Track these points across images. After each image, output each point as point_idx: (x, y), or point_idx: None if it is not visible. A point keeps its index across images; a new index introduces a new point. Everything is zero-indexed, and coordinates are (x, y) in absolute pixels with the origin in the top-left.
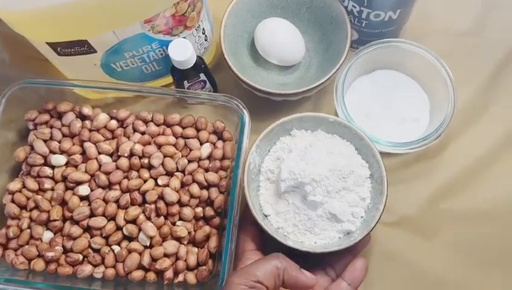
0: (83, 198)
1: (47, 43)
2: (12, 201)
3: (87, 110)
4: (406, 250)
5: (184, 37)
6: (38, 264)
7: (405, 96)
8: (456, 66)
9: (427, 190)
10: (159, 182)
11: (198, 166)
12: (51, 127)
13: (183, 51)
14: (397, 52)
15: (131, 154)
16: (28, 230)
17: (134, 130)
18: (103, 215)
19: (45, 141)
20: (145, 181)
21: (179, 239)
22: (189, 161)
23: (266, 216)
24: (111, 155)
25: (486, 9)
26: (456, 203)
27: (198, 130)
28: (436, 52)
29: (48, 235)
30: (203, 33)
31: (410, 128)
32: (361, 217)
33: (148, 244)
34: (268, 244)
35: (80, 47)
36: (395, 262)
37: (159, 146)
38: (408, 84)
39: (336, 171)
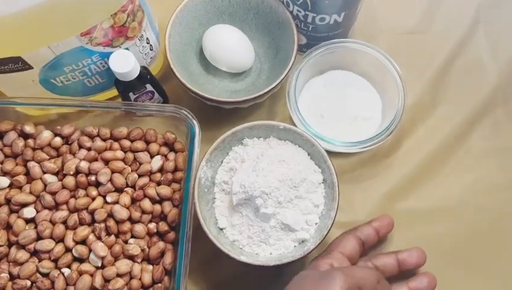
0: (28, 221)
1: None
2: None
3: (29, 128)
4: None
5: (126, 48)
6: None
7: (357, 95)
8: (404, 64)
9: (383, 189)
10: (108, 199)
11: (150, 180)
12: None
13: (125, 63)
14: (347, 53)
15: (78, 172)
16: None
17: (80, 147)
18: (51, 237)
19: None
20: (93, 199)
21: (132, 257)
22: (140, 175)
23: (221, 229)
24: (56, 174)
25: (431, 7)
26: (411, 202)
27: (147, 142)
28: (385, 51)
29: None
30: (148, 43)
31: (364, 127)
32: (316, 223)
33: (99, 265)
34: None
35: (14, 64)
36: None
37: (107, 162)
38: (360, 83)
39: (287, 181)
